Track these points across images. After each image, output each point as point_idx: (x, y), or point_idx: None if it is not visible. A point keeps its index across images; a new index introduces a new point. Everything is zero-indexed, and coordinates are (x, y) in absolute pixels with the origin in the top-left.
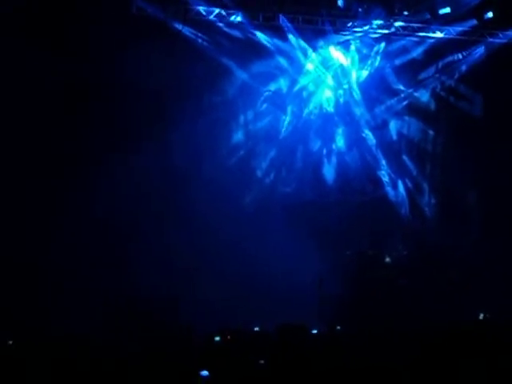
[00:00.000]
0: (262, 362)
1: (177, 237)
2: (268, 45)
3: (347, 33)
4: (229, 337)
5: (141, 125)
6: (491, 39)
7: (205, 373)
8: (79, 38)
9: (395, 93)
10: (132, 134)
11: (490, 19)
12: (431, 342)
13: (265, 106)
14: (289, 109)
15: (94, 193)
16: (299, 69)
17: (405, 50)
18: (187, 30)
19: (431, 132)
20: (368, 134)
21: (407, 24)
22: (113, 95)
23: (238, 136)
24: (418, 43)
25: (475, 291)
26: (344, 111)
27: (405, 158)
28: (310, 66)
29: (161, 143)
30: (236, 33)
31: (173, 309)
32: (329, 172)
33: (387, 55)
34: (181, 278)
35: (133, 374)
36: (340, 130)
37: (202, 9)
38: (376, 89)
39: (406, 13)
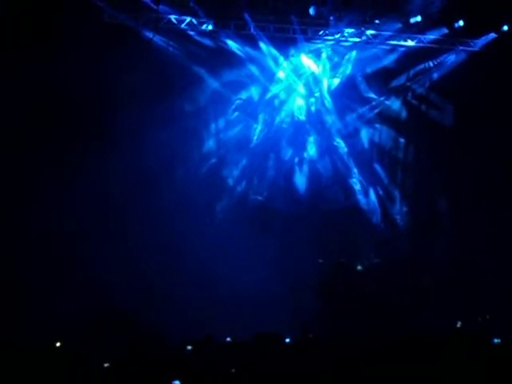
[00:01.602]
0: (234, 370)
1: (147, 244)
2: (239, 53)
3: (318, 41)
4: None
5: (111, 131)
6: (462, 47)
7: (176, 383)
8: (50, 45)
9: (366, 101)
10: (102, 140)
11: (460, 28)
12: (406, 348)
13: (236, 114)
14: (260, 117)
15: (61, 201)
16: (270, 77)
17: (376, 58)
18: (159, 39)
19: (402, 140)
20: (339, 143)
21: (378, 32)
22: (82, 102)
23: (210, 144)
24: (390, 51)
25: (447, 297)
26: (315, 119)
27: (376, 166)
28: (281, 74)
29: (131, 150)
30: (207, 41)
31: (143, 318)
32: (300, 180)
33: (358, 63)
34: (150, 286)
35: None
36: (312, 139)
37: (173, 17)
38: (347, 97)
39: (377, 21)
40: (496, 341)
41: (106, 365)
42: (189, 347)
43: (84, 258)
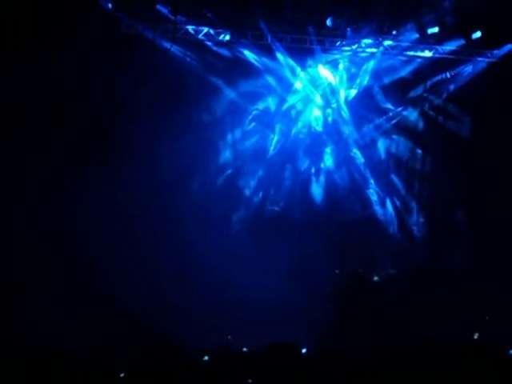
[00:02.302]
0: (250, 381)
1: (162, 255)
2: (256, 63)
3: (336, 52)
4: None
5: (127, 142)
6: (479, 58)
7: None
8: (68, 56)
9: (384, 112)
10: (118, 150)
11: (478, 39)
12: (424, 360)
13: (253, 124)
14: (277, 127)
15: (74, 212)
16: (288, 87)
17: (393, 69)
18: (176, 49)
19: (419, 151)
20: (356, 153)
21: (396, 43)
22: (97, 112)
23: (226, 155)
24: (407, 62)
25: (463, 309)
26: (332, 130)
27: (393, 176)
28: (298, 85)
29: (147, 161)
30: (224, 51)
31: (158, 327)
32: (317, 191)
33: (376, 74)
34: (165, 296)
35: None
36: (328, 149)
37: (190, 28)
38: (364, 107)
39: (394, 32)
40: None
41: (121, 375)
42: (206, 357)
43: (97, 269)
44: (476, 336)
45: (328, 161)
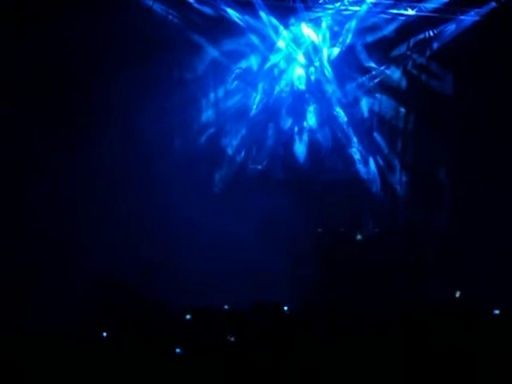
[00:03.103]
0: (232, 339)
1: (145, 214)
2: (239, 22)
3: (319, 10)
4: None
5: (108, 102)
6: (462, 17)
7: (177, 350)
8: (49, 15)
9: (367, 70)
10: (98, 111)
11: None
12: (405, 320)
13: (235, 83)
14: (260, 86)
15: (61, 171)
16: (270, 46)
17: (376, 28)
18: (158, 7)
19: (403, 109)
20: (339, 112)
21: (379, 1)
22: (76, 72)
23: (209, 114)
24: (390, 20)
25: (447, 269)
26: (315, 89)
27: (376, 135)
28: (281, 44)
29: (129, 121)
30: (207, 9)
31: (142, 289)
32: (300, 150)
33: (359, 32)
34: (149, 255)
35: (105, 352)
36: (311, 108)
37: None
38: (347, 66)
39: None
40: (496, 312)
41: (104, 334)
42: (188, 316)
43: (83, 231)
44: (458, 294)
45: (311, 120)
